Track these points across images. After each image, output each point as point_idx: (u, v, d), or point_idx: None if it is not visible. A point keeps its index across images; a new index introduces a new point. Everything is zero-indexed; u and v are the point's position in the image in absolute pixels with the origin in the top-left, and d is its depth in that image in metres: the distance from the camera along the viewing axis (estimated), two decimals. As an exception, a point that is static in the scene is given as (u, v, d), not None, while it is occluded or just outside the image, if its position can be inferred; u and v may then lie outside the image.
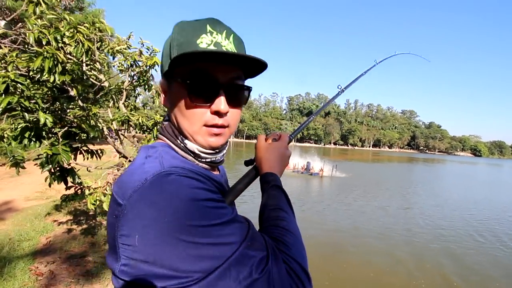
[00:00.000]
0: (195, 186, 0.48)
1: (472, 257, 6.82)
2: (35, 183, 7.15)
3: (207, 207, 0.47)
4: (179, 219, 0.44)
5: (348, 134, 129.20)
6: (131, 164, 0.55)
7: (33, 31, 1.97)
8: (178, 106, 0.56)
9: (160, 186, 0.46)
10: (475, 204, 13.34)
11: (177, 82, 0.55)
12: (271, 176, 0.70)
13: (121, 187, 0.50)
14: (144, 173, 0.49)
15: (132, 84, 3.19)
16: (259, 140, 0.80)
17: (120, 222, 0.47)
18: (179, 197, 0.45)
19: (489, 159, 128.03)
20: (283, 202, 0.66)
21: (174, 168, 0.50)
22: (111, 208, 0.51)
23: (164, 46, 0.58)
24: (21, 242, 4.14)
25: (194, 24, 0.55)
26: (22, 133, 2.16)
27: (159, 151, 0.56)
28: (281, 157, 0.75)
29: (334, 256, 6.29)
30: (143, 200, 0.46)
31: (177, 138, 0.59)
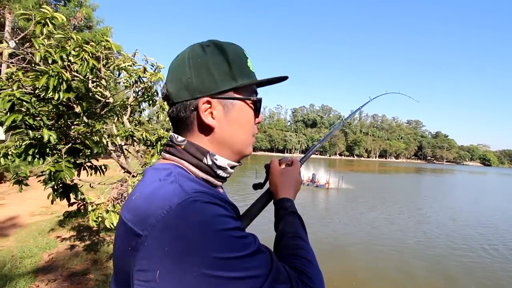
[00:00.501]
0: (222, 214, 0.45)
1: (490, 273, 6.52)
2: (41, 198, 7.18)
3: (235, 237, 0.44)
4: (208, 252, 0.41)
5: (353, 145, 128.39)
6: (142, 187, 0.51)
7: (39, 50, 2.01)
8: (241, 122, 0.58)
9: (188, 215, 0.43)
10: (489, 216, 12.90)
11: (245, 101, 0.58)
12: (288, 202, 0.70)
13: (137, 214, 0.46)
14: (166, 199, 0.45)
15: (137, 99, 3.22)
16: (273, 165, 0.80)
17: (139, 254, 0.42)
18: (208, 227, 0.42)
19: (499, 168, 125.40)
20: (301, 230, 0.65)
21: (197, 193, 0.47)
22: (125, 239, 0.46)
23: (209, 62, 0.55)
24: (23, 259, 4.09)
25: (237, 48, 0.60)
26: (26, 150, 2.17)
27: (173, 173, 0.51)
28: (295, 182, 0.77)
29: (344, 271, 6.07)
30: (170, 230, 0.41)
31: (204, 156, 0.56)
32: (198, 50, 0.56)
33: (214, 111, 0.55)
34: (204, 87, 0.54)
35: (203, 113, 0.54)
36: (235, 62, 0.56)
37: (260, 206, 0.71)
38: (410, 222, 11.01)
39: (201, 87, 0.54)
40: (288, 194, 0.73)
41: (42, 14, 2.09)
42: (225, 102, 0.56)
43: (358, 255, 7.17)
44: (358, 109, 1.29)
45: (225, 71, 0.55)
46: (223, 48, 0.56)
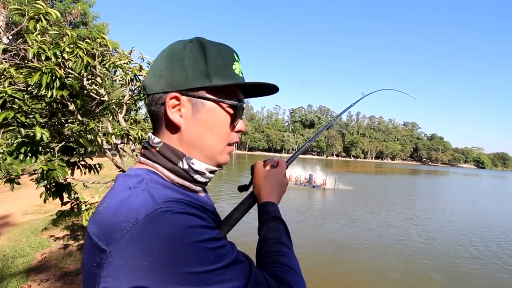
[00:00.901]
0: (195, 225, 0.42)
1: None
2: (34, 197, 7.08)
3: (209, 249, 0.41)
4: (179, 267, 0.38)
5: (350, 146, 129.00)
6: (110, 196, 0.47)
7: (32, 46, 1.97)
8: (210, 125, 0.54)
9: (155, 227, 0.40)
10: (485, 218, 13.03)
11: (218, 103, 0.53)
12: (271, 206, 0.67)
13: (102, 228, 0.42)
14: (133, 210, 0.41)
15: (132, 98, 3.18)
16: (257, 167, 0.76)
17: (104, 272, 0.39)
18: (178, 240, 0.39)
19: (493, 171, 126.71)
20: (284, 235, 0.62)
21: (169, 203, 0.44)
22: (89, 254, 0.43)
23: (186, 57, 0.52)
24: (15, 258, 4.03)
25: (225, 48, 0.56)
26: (18, 148, 2.13)
27: (144, 180, 0.48)
28: (280, 184, 0.73)
29: (340, 272, 6.07)
30: (135, 245, 0.38)
31: (180, 160, 0.53)
32: (180, 45, 0.54)
33: (182, 108, 0.52)
34: (175, 81, 0.52)
35: (169, 109, 0.51)
36: (214, 60, 0.52)
37: (244, 210, 0.68)
38: (406, 222, 11.06)
39: (171, 80, 0.52)
40: (272, 197, 0.69)
41: (36, 10, 2.05)
42: (195, 101, 0.52)
43: (354, 255, 7.18)
44: (351, 106, 1.27)
45: (200, 69, 0.52)
46: (204, 45, 0.53)
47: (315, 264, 6.29)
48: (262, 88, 0.60)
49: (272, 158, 0.80)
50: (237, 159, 57.59)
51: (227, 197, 13.10)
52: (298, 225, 9.31)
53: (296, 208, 12.16)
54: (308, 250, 7.03)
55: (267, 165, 0.77)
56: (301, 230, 8.86)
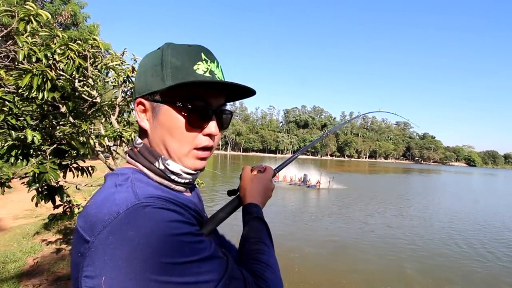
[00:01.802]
0: (173, 219, 0.45)
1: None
2: (25, 201, 6.94)
3: (185, 243, 0.44)
4: (156, 258, 0.41)
5: (344, 146, 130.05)
6: (97, 193, 0.51)
7: (23, 48, 1.95)
8: (168, 128, 0.54)
9: (135, 220, 0.42)
10: (479, 216, 13.28)
11: (172, 104, 0.53)
12: (254, 208, 0.70)
13: (87, 221, 0.45)
14: (116, 205, 0.45)
15: (125, 99, 3.17)
16: (244, 171, 0.79)
17: (86, 261, 0.42)
18: (156, 232, 0.42)
19: (483, 168, 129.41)
20: (264, 235, 0.65)
21: (150, 199, 0.47)
22: (76, 245, 0.46)
23: (148, 65, 0.56)
24: (6, 264, 3.96)
25: (189, 50, 0.55)
26: (8, 151, 2.10)
27: (130, 179, 0.51)
28: (265, 188, 0.75)
29: (337, 273, 6.12)
30: (115, 236, 0.41)
31: (156, 160, 0.55)
32: (149, 54, 0.58)
33: (147, 112, 0.56)
34: (139, 88, 0.56)
35: (138, 113, 0.56)
36: (169, 62, 0.53)
37: (229, 211, 0.71)
38: (400, 221, 11.21)
39: (137, 87, 0.57)
40: (256, 199, 0.72)
41: (26, 11, 2.03)
42: (154, 105, 0.55)
43: (349, 255, 7.24)
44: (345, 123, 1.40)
45: (157, 73, 0.54)
46: (164, 48, 0.55)
47: (310, 263, 6.32)
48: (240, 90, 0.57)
49: (261, 164, 0.84)
50: (231, 160, 57.42)
51: (220, 199, 13.07)
52: (293, 225, 9.35)
53: (291, 208, 12.19)
54: (303, 250, 7.07)
55: (254, 170, 0.81)
56: (295, 230, 8.90)
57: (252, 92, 0.58)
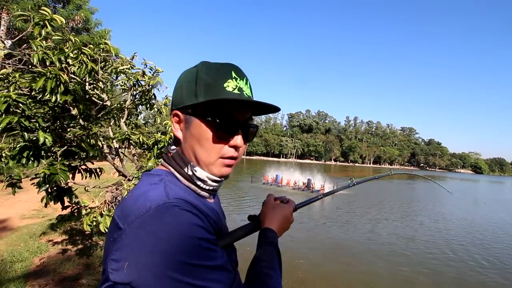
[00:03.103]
0: (195, 223, 0.49)
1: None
2: (32, 201, 7.04)
3: (202, 247, 0.47)
4: (173, 255, 0.44)
5: (348, 151, 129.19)
6: (135, 189, 0.56)
7: (37, 52, 2.00)
8: (198, 138, 0.59)
9: (163, 217, 0.47)
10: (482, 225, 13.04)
11: (201, 118, 0.58)
12: (271, 233, 0.72)
13: (123, 211, 0.51)
14: (149, 200, 0.50)
15: (134, 102, 3.21)
16: (268, 199, 0.84)
17: (116, 245, 0.47)
18: (178, 231, 0.46)
19: (490, 176, 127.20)
20: (276, 261, 0.67)
21: (179, 200, 0.51)
22: (111, 232, 0.51)
23: (184, 81, 0.62)
24: (13, 263, 4.00)
25: (220, 67, 0.60)
26: (20, 152, 2.14)
27: (163, 180, 0.57)
28: (284, 219, 0.79)
29: (339, 277, 6.05)
30: (143, 228, 0.46)
31: (186, 166, 0.60)
32: (189, 68, 0.63)
33: (182, 123, 0.61)
34: (176, 101, 0.62)
35: (172, 124, 0.63)
36: (202, 79, 0.58)
37: (246, 231, 0.74)
38: (403, 227, 11.06)
39: (174, 100, 0.63)
40: (274, 226, 0.74)
41: (41, 16, 2.08)
42: (187, 117, 0.60)
43: (352, 259, 7.16)
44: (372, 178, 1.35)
45: (191, 88, 0.59)
46: (199, 66, 0.61)
47: (315, 269, 6.26)
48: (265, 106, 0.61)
49: (284, 196, 0.88)
50: (235, 164, 57.19)
51: (224, 203, 13.06)
52: (297, 229, 9.29)
53: (295, 213, 12.09)
54: (306, 254, 7.02)
55: (277, 200, 0.85)
56: (299, 234, 8.84)
57: (276, 109, 0.63)
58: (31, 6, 8.91)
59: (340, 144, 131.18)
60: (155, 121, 3.62)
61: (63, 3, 11.40)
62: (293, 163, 69.79)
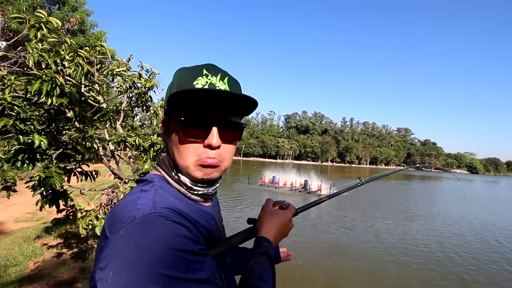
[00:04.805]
0: (180, 234, 0.48)
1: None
2: (26, 204, 6.96)
3: (185, 260, 0.47)
4: (155, 266, 0.44)
5: (345, 152, 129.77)
6: (127, 195, 0.56)
7: (33, 54, 1.99)
8: (174, 142, 0.59)
9: (147, 227, 0.47)
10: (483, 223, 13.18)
11: (174, 119, 0.58)
12: (265, 242, 0.69)
13: (112, 219, 0.51)
14: (135, 209, 0.49)
15: (130, 105, 3.20)
16: (266, 204, 0.80)
17: (102, 254, 0.47)
18: (161, 242, 0.45)
19: (486, 176, 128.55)
20: (267, 273, 0.64)
21: (165, 210, 0.51)
22: (100, 240, 0.51)
23: (167, 89, 0.63)
24: (7, 267, 3.94)
25: (192, 68, 0.59)
26: (15, 155, 2.12)
27: (155, 187, 0.57)
28: (281, 226, 0.75)
29: (336, 279, 6.07)
30: (127, 238, 0.46)
31: (172, 171, 0.60)
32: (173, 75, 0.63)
33: (164, 130, 0.63)
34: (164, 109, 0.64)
35: (162, 130, 0.64)
36: (176, 83, 0.58)
37: (242, 238, 0.72)
38: (400, 227, 11.13)
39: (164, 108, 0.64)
40: (269, 234, 0.71)
41: (37, 18, 2.07)
42: (166, 122, 0.62)
43: (349, 260, 7.17)
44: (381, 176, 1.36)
45: (168, 93, 0.60)
46: (176, 72, 0.61)
47: (312, 271, 6.27)
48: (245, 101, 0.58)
49: (284, 201, 0.83)
50: (232, 165, 57.15)
51: (221, 205, 13.02)
52: (295, 230, 9.29)
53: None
54: (304, 255, 7.02)
55: (276, 205, 0.80)
56: (296, 235, 8.84)
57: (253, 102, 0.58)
58: (26, 7, 8.84)
59: (337, 145, 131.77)
60: (151, 123, 3.61)
61: (58, 5, 11.34)
62: (290, 164, 69.78)
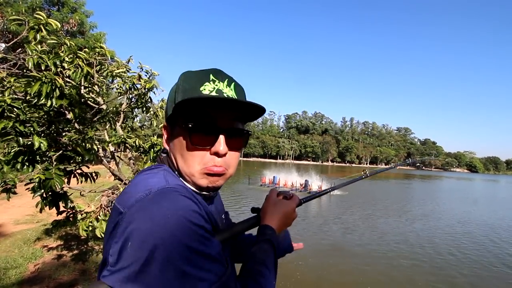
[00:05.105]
0: (194, 209, 0.49)
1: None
2: (26, 206, 6.95)
3: (199, 234, 0.47)
4: (170, 238, 0.44)
5: (345, 152, 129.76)
6: (135, 178, 0.57)
7: (32, 56, 1.98)
8: (178, 148, 0.58)
9: (162, 200, 0.47)
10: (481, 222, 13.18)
11: (180, 125, 0.58)
12: (269, 230, 0.70)
13: (124, 197, 0.51)
14: (150, 185, 0.51)
15: (130, 106, 3.20)
16: (270, 193, 0.80)
17: (118, 229, 0.47)
18: (177, 216, 0.46)
19: (485, 175, 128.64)
20: (270, 259, 0.64)
21: (179, 186, 0.52)
22: (111, 218, 0.51)
23: (170, 93, 0.62)
24: (7, 270, 3.93)
25: (199, 73, 0.59)
26: (15, 157, 2.12)
27: (162, 169, 0.59)
28: (285, 216, 0.75)
29: (336, 279, 6.06)
30: (144, 211, 0.46)
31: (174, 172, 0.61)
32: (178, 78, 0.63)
33: (168, 135, 0.63)
34: (165, 113, 0.64)
35: (164, 135, 0.64)
36: (181, 87, 0.58)
37: (246, 226, 0.73)
38: (400, 227, 11.12)
39: (165, 113, 0.64)
40: (273, 223, 0.71)
41: (36, 20, 2.07)
42: (170, 127, 0.62)
43: (349, 259, 7.17)
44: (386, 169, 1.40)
45: (172, 98, 0.60)
46: (181, 76, 0.60)
47: (313, 271, 6.26)
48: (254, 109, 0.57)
49: (288, 191, 0.84)
50: (232, 166, 56.97)
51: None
52: (296, 230, 9.29)
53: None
54: (305, 255, 7.01)
55: (280, 195, 0.81)
56: (298, 235, 8.83)
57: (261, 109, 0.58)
58: (25, 9, 8.84)
59: (337, 145, 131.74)
60: (152, 124, 3.60)
61: (58, 6, 11.34)
62: (290, 165, 69.75)
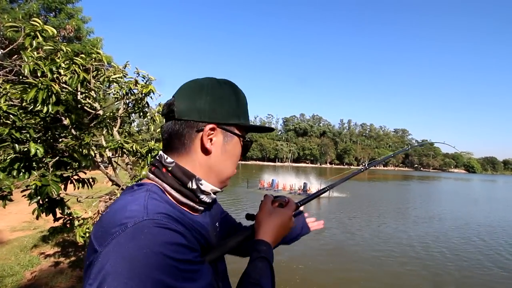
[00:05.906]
0: (175, 242, 0.47)
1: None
2: (23, 213, 6.88)
3: (179, 269, 0.45)
4: (150, 279, 0.42)
5: (343, 154, 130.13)
6: (114, 203, 0.53)
7: (28, 63, 1.99)
8: (232, 155, 0.64)
9: (139, 237, 0.44)
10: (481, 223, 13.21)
11: (240, 138, 0.66)
12: (263, 246, 0.66)
13: (100, 230, 0.48)
14: (126, 217, 0.47)
15: (127, 111, 3.20)
16: (264, 201, 0.76)
17: (92, 270, 0.44)
18: (156, 254, 0.44)
19: (483, 175, 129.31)
20: (266, 279, 0.61)
21: (159, 215, 0.48)
22: (88, 253, 0.48)
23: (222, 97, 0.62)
24: (4, 278, 3.89)
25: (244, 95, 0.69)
26: (11, 164, 2.10)
27: (145, 193, 0.53)
28: (281, 226, 0.71)
29: (335, 281, 6.03)
30: (119, 251, 0.43)
31: (190, 180, 0.58)
32: (217, 83, 0.63)
33: (215, 138, 0.60)
34: (215, 115, 0.60)
35: (205, 137, 0.59)
36: (242, 104, 0.66)
37: (240, 240, 0.69)
38: (399, 229, 11.12)
39: (211, 114, 0.60)
40: (268, 237, 0.68)
41: (32, 27, 2.08)
42: (226, 134, 0.63)
43: (348, 262, 7.15)
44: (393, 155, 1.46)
45: (234, 109, 0.63)
46: (236, 89, 0.66)
47: (312, 272, 6.24)
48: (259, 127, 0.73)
49: (284, 197, 0.79)
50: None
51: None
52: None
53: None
54: (305, 259, 6.99)
55: (275, 202, 0.77)
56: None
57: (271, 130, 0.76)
58: (22, 15, 8.85)
59: (335, 147, 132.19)
60: (149, 129, 3.60)
61: (54, 12, 11.37)
62: (288, 167, 69.81)
